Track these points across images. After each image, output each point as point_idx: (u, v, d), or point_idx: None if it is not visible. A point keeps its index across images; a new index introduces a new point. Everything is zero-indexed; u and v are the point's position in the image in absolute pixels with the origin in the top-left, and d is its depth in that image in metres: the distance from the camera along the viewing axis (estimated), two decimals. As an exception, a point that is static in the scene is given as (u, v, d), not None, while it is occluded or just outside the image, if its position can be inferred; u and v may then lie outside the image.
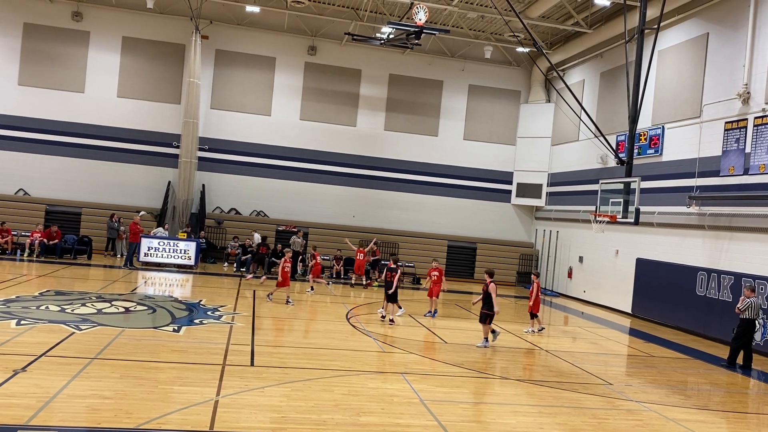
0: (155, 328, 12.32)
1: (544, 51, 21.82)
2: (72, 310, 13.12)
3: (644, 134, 20.59)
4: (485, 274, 14.05)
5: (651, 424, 8.90)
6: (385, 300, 15.41)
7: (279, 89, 27.09)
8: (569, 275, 25.27)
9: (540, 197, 28.27)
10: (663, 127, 20.00)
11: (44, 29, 25.23)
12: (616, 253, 22.01)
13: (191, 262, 22.46)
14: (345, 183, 27.63)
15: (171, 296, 16.80)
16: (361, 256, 22.42)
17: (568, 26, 24.21)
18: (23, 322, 11.56)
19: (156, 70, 26.20)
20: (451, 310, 18.69)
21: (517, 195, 28.85)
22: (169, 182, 25.84)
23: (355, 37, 22.83)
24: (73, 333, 11.07)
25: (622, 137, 21.20)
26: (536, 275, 16.25)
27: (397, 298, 15.58)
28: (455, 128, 28.57)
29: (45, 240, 22.47)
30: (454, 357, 12.11)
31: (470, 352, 12.64)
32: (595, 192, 18.36)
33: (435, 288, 16.91)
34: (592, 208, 18.69)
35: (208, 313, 14.36)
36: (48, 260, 21.69)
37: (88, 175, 25.52)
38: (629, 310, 20.83)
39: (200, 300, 16.16)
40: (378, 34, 24.04)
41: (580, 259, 24.54)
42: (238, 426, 7.30)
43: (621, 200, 16.66)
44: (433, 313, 16.82)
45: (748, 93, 16.61)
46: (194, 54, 25.22)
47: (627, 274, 21.10)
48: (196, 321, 13.40)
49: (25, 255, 22.14)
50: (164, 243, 22.49)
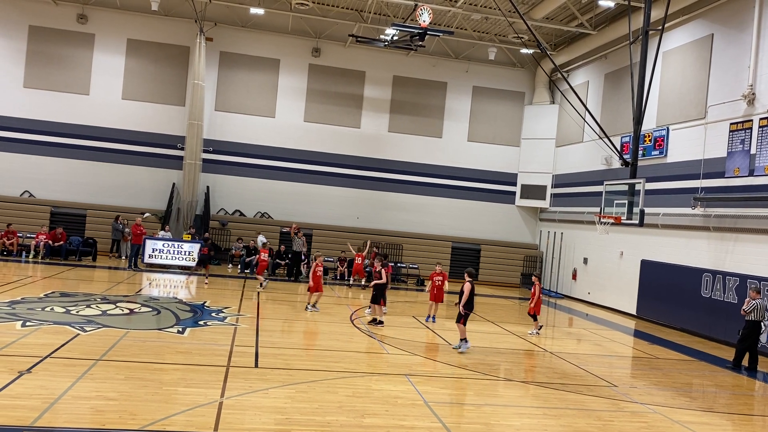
0: (160, 330, 12.33)
1: (548, 52, 21.81)
2: (77, 312, 13.15)
3: (649, 135, 20.54)
4: (465, 273, 13.17)
5: (656, 427, 8.87)
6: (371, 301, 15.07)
7: (283, 91, 27.14)
8: (573, 277, 25.22)
9: (544, 199, 28.23)
10: (668, 129, 19.95)
11: (49, 32, 25.34)
12: (621, 255, 21.95)
13: (195, 264, 22.48)
14: (349, 185, 27.64)
15: (175, 298, 16.83)
16: (359, 260, 22.43)
17: (572, 27, 24.17)
18: (28, 324, 11.59)
19: (160, 72, 26.28)
20: (455, 312, 18.61)
21: (522, 196, 28.81)
22: (174, 184, 25.90)
23: (359, 39, 22.85)
24: (78, 334, 11.10)
25: (627, 138, 21.16)
26: (537, 276, 16.16)
27: (380, 299, 15.03)
28: (459, 130, 28.56)
29: (50, 242, 22.55)
30: (458, 359, 12.10)
31: (474, 354, 12.61)
32: (600, 193, 18.32)
33: (439, 293, 15.91)
34: (597, 210, 18.64)
35: (213, 315, 14.38)
36: (53, 262, 21.75)
37: (93, 177, 25.61)
38: (634, 312, 20.78)
39: (204, 301, 16.19)
40: (382, 36, 24.02)
41: (585, 261, 24.49)
42: (243, 427, 7.30)
43: (626, 202, 16.61)
44: (433, 318, 16.12)
45: (753, 94, 16.56)
46: (199, 56, 25.29)
47: (632, 276, 21.04)
48: (201, 322, 13.42)
49: (31, 257, 22.21)
50: (168, 245, 22.54)
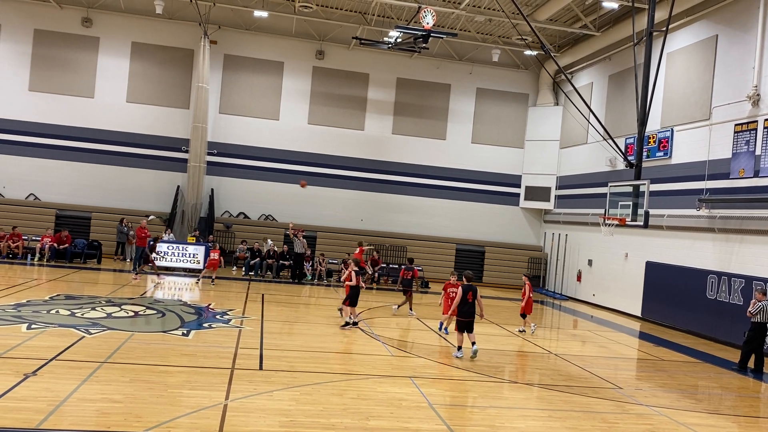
0: (164, 332, 12.35)
1: (552, 54, 21.81)
2: (82, 314, 13.18)
3: (653, 137, 20.50)
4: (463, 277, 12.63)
5: (661, 429, 8.84)
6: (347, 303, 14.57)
7: (287, 93, 27.18)
8: (578, 278, 25.16)
9: (548, 200, 28.19)
10: (672, 130, 19.91)
11: (54, 35, 25.45)
12: (626, 257, 21.90)
13: (200, 266, 22.50)
14: (353, 187, 27.65)
15: (180, 300, 16.85)
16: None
17: (576, 29, 24.15)
18: (34, 326, 11.63)
19: (165, 75, 26.36)
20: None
21: (526, 198, 28.78)
22: (178, 187, 25.96)
23: (363, 41, 22.89)
24: (83, 337, 11.13)
25: (631, 140, 21.12)
26: (527, 277, 16.28)
27: (346, 300, 14.62)
28: (463, 131, 28.55)
29: (55, 244, 22.62)
30: (463, 361, 12.08)
31: (478, 356, 12.58)
32: (604, 195, 18.30)
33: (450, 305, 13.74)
34: (601, 211, 18.63)
35: (217, 317, 14.40)
36: (58, 264, 21.82)
37: (98, 180, 25.69)
38: (639, 314, 20.72)
39: (209, 304, 16.21)
40: (386, 38, 24.08)
41: (590, 263, 24.44)
42: (247, 430, 7.30)
43: (630, 203, 16.59)
44: (446, 329, 14.82)
45: (758, 95, 16.51)
46: (203, 59, 25.35)
47: (636, 278, 20.99)
48: (205, 325, 13.44)
49: (36, 259, 22.29)
50: (173, 247, 22.57)
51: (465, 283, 12.39)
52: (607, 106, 24.08)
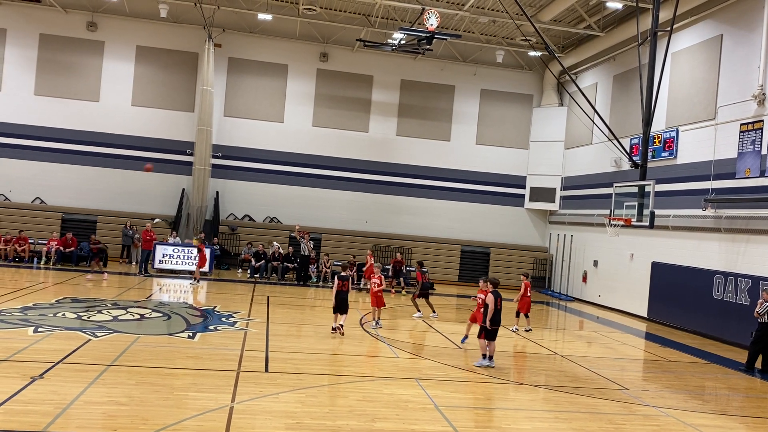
0: (170, 335, 12.38)
1: (556, 54, 21.78)
2: (88, 318, 13.23)
3: (658, 137, 20.44)
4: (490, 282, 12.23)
5: (668, 430, 8.81)
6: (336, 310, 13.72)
7: (291, 96, 27.22)
8: (584, 279, 25.10)
9: (553, 201, 28.14)
10: (677, 130, 19.85)
11: (60, 39, 25.56)
12: (631, 257, 21.84)
13: (205, 269, 22.52)
14: (358, 189, 27.66)
15: (186, 303, 16.89)
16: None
17: (581, 29, 24.11)
18: (40, 330, 11.67)
19: (169, 79, 26.43)
20: (465, 315, 18.58)
21: (531, 199, 28.74)
22: (183, 189, 26.02)
23: (367, 44, 22.92)
24: (90, 340, 11.16)
25: (636, 140, 21.06)
26: (525, 276, 16.36)
27: (347, 309, 13.72)
28: (467, 133, 28.53)
29: (61, 248, 22.70)
30: (469, 362, 12.06)
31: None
32: (610, 195, 18.26)
33: (479, 314, 12.50)
34: (607, 212, 18.58)
35: (223, 320, 14.42)
36: (64, 268, 21.90)
37: (104, 183, 25.78)
38: (645, 314, 20.65)
39: (215, 306, 16.23)
40: (389, 40, 24.09)
41: (595, 263, 24.38)
42: (253, 432, 7.32)
43: (635, 203, 16.56)
44: (466, 337, 13.88)
45: (764, 94, 16.44)
46: (207, 62, 25.42)
47: (642, 278, 20.92)
48: (211, 327, 13.46)
49: (42, 263, 22.37)
50: (178, 250, 22.62)
51: (493, 290, 11.89)
52: (612, 107, 24.03)
